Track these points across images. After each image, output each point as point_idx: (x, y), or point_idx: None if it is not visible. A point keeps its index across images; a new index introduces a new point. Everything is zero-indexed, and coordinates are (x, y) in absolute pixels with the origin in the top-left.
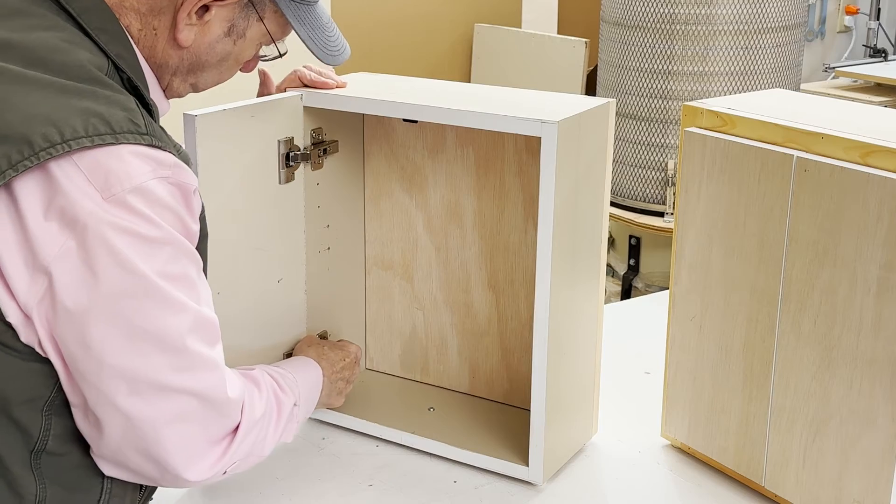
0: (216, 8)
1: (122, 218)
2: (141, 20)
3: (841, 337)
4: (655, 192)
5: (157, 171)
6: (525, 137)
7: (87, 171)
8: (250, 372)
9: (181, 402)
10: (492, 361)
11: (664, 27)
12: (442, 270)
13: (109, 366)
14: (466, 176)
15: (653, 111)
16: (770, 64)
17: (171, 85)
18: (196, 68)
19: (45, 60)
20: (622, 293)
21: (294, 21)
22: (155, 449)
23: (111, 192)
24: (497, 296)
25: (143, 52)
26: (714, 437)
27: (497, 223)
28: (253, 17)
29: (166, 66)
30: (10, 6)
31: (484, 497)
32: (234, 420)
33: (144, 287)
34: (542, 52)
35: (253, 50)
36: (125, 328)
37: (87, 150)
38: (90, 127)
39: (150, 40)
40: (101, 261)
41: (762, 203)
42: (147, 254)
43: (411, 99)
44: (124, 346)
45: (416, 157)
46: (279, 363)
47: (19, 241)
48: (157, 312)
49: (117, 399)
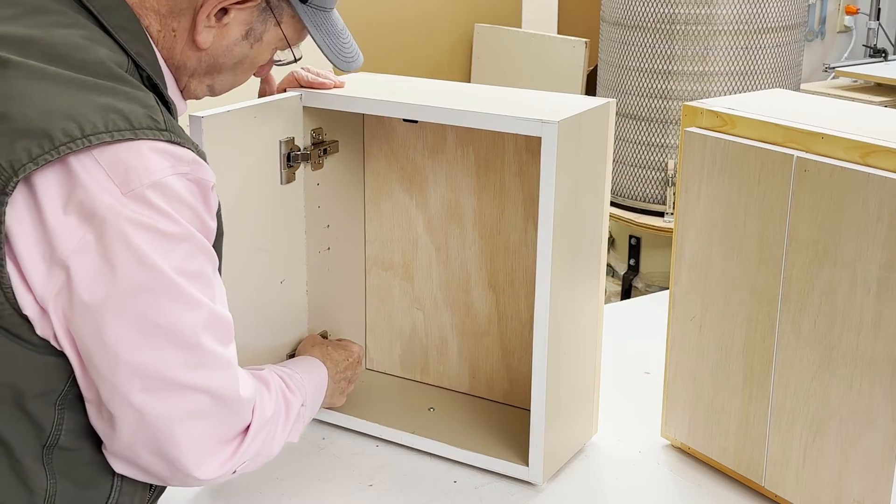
0: (235, 11)
1: (141, 213)
2: (160, 21)
3: (841, 337)
4: (655, 192)
5: (175, 168)
6: (525, 137)
7: (106, 167)
8: (260, 372)
9: (194, 399)
10: (492, 361)
11: (664, 27)
12: (442, 270)
13: (124, 361)
14: (466, 176)
15: (653, 111)
16: (770, 64)
17: (188, 86)
18: (213, 70)
19: (65, 57)
20: (622, 293)
21: (311, 26)
22: (166, 446)
23: (130, 187)
24: (497, 296)
25: (161, 52)
26: (714, 437)
27: (497, 223)
28: (270, 22)
29: (184, 68)
30: (31, 3)
31: (484, 497)
32: (245, 419)
33: (161, 282)
34: (542, 52)
35: (269, 54)
36: (140, 323)
37: (107, 146)
38: (110, 122)
39: (169, 41)
40: (119, 255)
41: (762, 203)
42: (165, 249)
43: (411, 99)
44: (139, 342)
45: (416, 157)
46: (286, 363)
47: (38, 235)
48: (173, 308)
49: (131, 395)
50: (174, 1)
